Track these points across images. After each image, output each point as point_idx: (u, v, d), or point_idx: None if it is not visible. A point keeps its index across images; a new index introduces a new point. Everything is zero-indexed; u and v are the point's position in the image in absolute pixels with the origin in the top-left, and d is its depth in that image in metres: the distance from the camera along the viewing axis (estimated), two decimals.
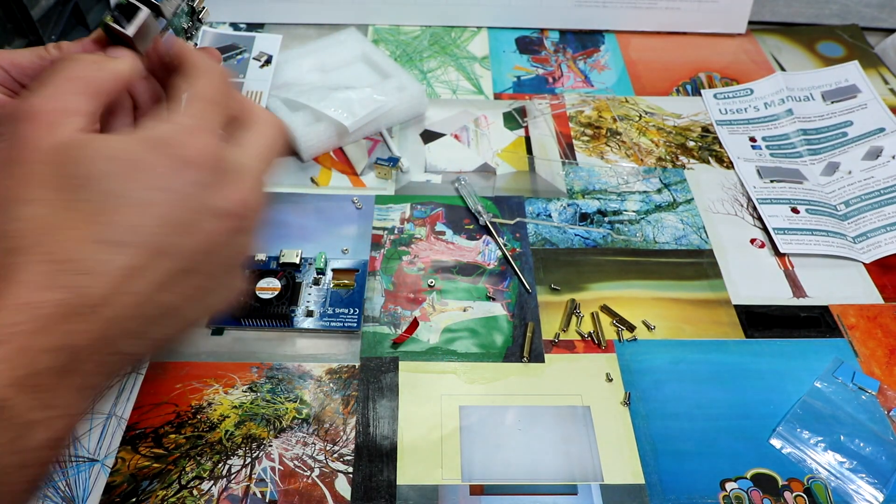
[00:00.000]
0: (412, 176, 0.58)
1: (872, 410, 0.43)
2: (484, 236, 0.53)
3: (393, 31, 0.73)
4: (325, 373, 0.44)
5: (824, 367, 0.45)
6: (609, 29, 0.74)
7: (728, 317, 0.48)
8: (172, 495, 0.38)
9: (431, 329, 0.47)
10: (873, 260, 0.52)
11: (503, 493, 0.39)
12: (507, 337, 0.47)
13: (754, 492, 0.39)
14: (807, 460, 0.41)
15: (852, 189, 0.57)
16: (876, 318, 0.49)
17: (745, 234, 0.54)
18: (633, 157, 0.60)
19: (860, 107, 0.64)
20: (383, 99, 0.58)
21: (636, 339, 0.47)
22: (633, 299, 0.49)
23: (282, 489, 0.39)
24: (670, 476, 0.40)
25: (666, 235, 0.54)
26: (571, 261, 0.51)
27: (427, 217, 0.54)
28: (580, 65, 0.70)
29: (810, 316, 0.49)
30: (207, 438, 0.41)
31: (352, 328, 0.46)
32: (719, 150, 0.61)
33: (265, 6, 0.72)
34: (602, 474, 0.40)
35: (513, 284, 0.50)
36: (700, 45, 0.73)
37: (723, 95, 0.67)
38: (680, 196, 0.57)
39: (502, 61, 0.70)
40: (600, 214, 0.55)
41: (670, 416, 0.43)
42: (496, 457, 0.40)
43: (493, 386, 0.44)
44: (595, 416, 0.42)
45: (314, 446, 0.41)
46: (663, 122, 0.64)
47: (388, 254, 0.51)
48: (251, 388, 0.43)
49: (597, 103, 0.66)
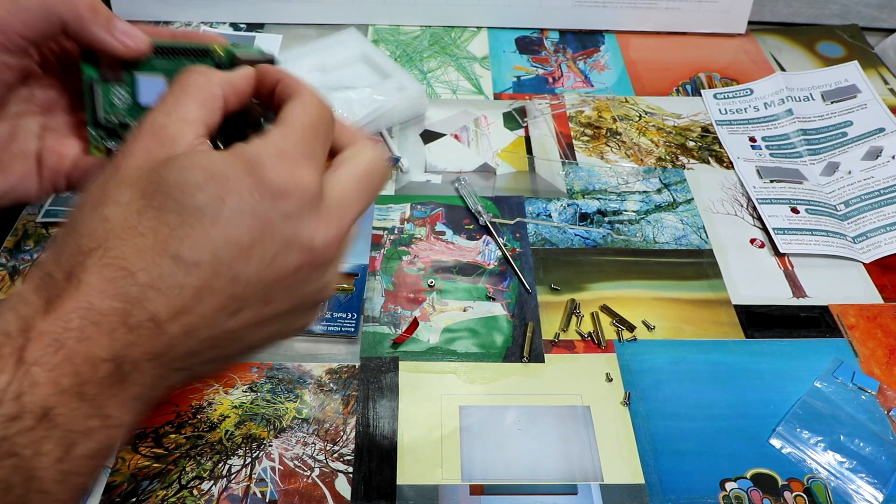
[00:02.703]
0: (412, 176, 0.58)
1: (872, 410, 0.43)
2: (484, 236, 0.53)
3: (393, 31, 0.73)
4: (325, 373, 0.44)
5: (824, 367, 0.45)
6: (609, 29, 0.74)
7: (728, 317, 0.48)
8: (172, 495, 0.38)
9: (431, 329, 0.47)
10: (873, 260, 0.52)
11: (503, 493, 0.39)
12: (507, 337, 0.47)
13: (754, 492, 0.39)
14: (807, 460, 0.41)
15: (852, 189, 0.57)
16: (876, 318, 0.49)
17: (744, 234, 0.54)
18: (633, 157, 0.60)
19: (860, 107, 0.64)
20: (383, 99, 0.58)
21: (636, 339, 0.47)
22: (633, 299, 0.49)
23: (282, 489, 0.39)
24: (670, 476, 0.40)
25: (666, 235, 0.54)
26: (571, 261, 0.51)
27: (427, 217, 0.54)
28: (580, 65, 0.70)
29: (810, 316, 0.49)
30: (207, 438, 0.41)
31: (350, 333, 0.46)
32: (719, 150, 0.61)
33: (265, 6, 0.72)
34: (602, 474, 0.40)
35: (513, 284, 0.50)
36: (700, 45, 0.73)
37: (723, 95, 0.67)
38: (680, 196, 0.57)
39: (502, 61, 0.70)
40: (600, 214, 0.55)
41: (670, 416, 0.43)
42: (496, 457, 0.40)
43: (493, 386, 0.44)
44: (595, 416, 0.42)
45: (314, 446, 0.41)
46: (663, 122, 0.64)
47: (388, 254, 0.51)
48: (251, 388, 0.43)
49: (597, 103, 0.66)
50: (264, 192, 0.24)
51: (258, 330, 0.26)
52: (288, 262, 0.25)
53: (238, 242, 0.23)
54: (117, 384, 0.22)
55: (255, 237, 0.24)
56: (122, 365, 0.22)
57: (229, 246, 0.23)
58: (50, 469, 0.20)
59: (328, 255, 0.26)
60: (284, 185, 0.24)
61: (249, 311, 0.25)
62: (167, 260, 0.22)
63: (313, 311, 0.28)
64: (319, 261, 0.26)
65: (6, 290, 0.48)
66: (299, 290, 0.26)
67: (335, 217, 0.26)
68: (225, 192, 0.23)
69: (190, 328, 0.23)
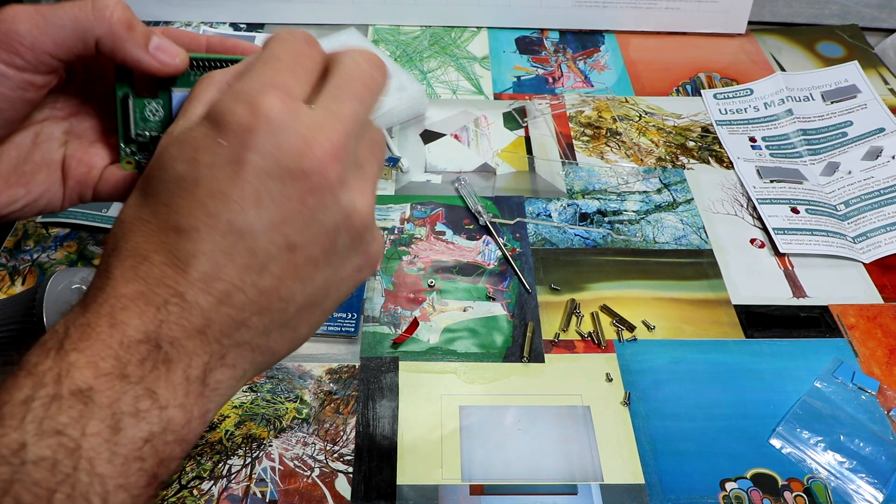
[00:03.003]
0: (412, 176, 0.58)
1: (872, 410, 0.43)
2: (484, 236, 0.53)
3: (393, 31, 0.73)
4: (325, 373, 0.44)
5: (824, 367, 0.45)
6: (609, 29, 0.74)
7: (728, 317, 0.48)
8: (172, 495, 0.38)
9: (431, 329, 0.47)
10: (873, 260, 0.52)
11: (503, 493, 0.39)
12: (507, 337, 0.47)
13: (754, 492, 0.39)
14: (807, 460, 0.41)
15: (852, 189, 0.57)
16: (876, 318, 0.49)
17: (744, 234, 0.54)
18: (633, 157, 0.60)
19: (860, 107, 0.64)
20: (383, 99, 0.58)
21: (636, 339, 0.47)
22: (632, 299, 0.49)
23: (282, 489, 0.39)
24: (670, 476, 0.40)
25: (666, 235, 0.54)
26: (571, 261, 0.51)
27: (427, 217, 0.54)
28: (580, 65, 0.70)
29: (810, 316, 0.49)
30: (207, 438, 0.41)
31: (349, 333, 0.46)
32: (719, 150, 0.61)
33: (265, 6, 0.72)
34: (602, 474, 0.40)
35: (513, 284, 0.50)
36: (700, 45, 0.73)
37: (723, 95, 0.67)
38: (680, 196, 0.57)
39: (502, 61, 0.70)
40: (600, 214, 0.55)
41: (670, 416, 0.43)
42: (496, 457, 0.40)
43: (493, 386, 0.44)
44: (595, 415, 0.42)
45: (314, 446, 0.41)
46: (663, 122, 0.64)
47: (389, 254, 0.51)
48: (251, 388, 0.43)
49: (597, 103, 0.66)
50: (229, 135, 0.23)
51: (303, 283, 0.25)
52: (283, 194, 0.23)
53: (224, 194, 0.23)
54: (162, 365, 0.22)
55: (235, 183, 0.23)
56: (159, 345, 0.22)
57: (217, 201, 0.23)
58: (100, 449, 0.20)
59: (330, 172, 0.24)
60: (246, 121, 0.23)
61: (278, 264, 0.24)
62: (171, 235, 0.23)
63: (358, 241, 0.26)
64: (321, 182, 0.24)
65: (6, 291, 0.48)
66: (316, 221, 0.24)
67: (321, 128, 0.24)
68: (195, 152, 0.23)
69: (221, 296, 0.23)
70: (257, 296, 0.23)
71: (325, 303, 0.26)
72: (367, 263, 0.27)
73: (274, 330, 0.25)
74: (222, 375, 0.23)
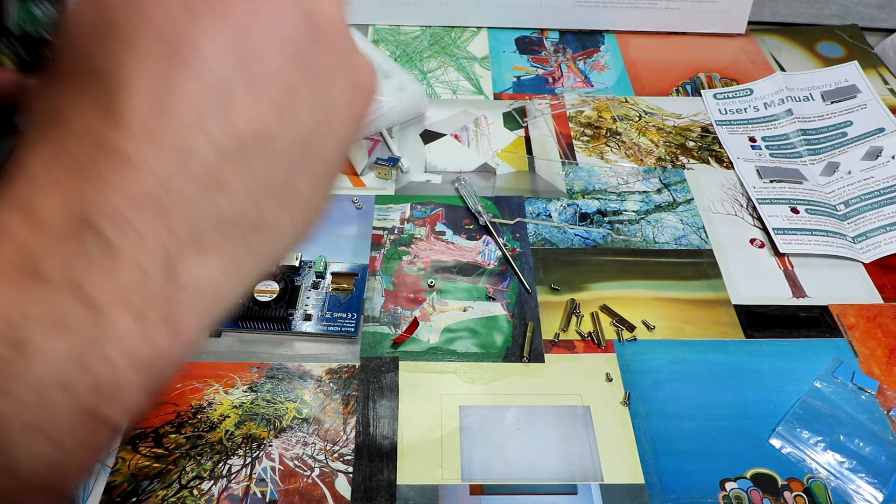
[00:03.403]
0: (412, 176, 0.58)
1: (872, 410, 0.43)
2: (484, 236, 0.53)
3: (393, 31, 0.73)
4: (325, 373, 0.44)
5: (824, 367, 0.45)
6: (609, 29, 0.74)
7: (728, 317, 0.48)
8: (173, 495, 0.38)
9: (431, 329, 0.47)
10: (873, 260, 0.52)
11: (503, 493, 0.39)
12: (507, 337, 0.47)
13: (754, 492, 0.39)
14: (806, 460, 0.41)
15: (852, 189, 0.57)
16: (875, 318, 0.49)
17: (744, 234, 0.54)
18: (632, 157, 0.60)
19: (860, 107, 0.64)
20: (383, 99, 0.58)
21: (636, 339, 0.47)
22: (632, 299, 0.49)
23: (282, 489, 0.39)
24: (670, 476, 0.40)
25: (666, 235, 0.54)
26: (571, 261, 0.51)
27: (427, 217, 0.54)
28: (580, 65, 0.70)
29: (810, 316, 0.49)
30: (208, 438, 0.41)
31: (350, 333, 0.46)
32: (719, 150, 0.61)
33: None
34: (602, 474, 0.40)
35: (513, 284, 0.50)
36: (700, 45, 0.73)
37: (723, 95, 0.67)
38: (680, 196, 0.57)
39: (502, 61, 0.70)
40: (600, 214, 0.55)
41: (670, 416, 0.43)
42: (496, 457, 0.40)
43: (493, 386, 0.44)
44: (595, 415, 0.42)
45: (314, 446, 0.41)
46: (663, 122, 0.64)
47: (388, 254, 0.51)
48: (251, 387, 0.43)
49: (597, 103, 0.66)
50: None
51: (281, 115, 0.19)
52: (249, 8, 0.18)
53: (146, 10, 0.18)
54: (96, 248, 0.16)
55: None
56: (88, 221, 0.16)
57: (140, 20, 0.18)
58: None
59: None
60: None
61: (239, 88, 0.18)
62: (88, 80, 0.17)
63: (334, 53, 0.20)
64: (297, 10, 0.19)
65: None
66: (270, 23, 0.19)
67: None
68: None
69: (174, 144, 0.17)
70: (225, 140, 0.18)
71: (321, 146, 0.20)
72: (359, 86, 0.22)
73: (263, 193, 0.19)
74: (202, 268, 0.18)
